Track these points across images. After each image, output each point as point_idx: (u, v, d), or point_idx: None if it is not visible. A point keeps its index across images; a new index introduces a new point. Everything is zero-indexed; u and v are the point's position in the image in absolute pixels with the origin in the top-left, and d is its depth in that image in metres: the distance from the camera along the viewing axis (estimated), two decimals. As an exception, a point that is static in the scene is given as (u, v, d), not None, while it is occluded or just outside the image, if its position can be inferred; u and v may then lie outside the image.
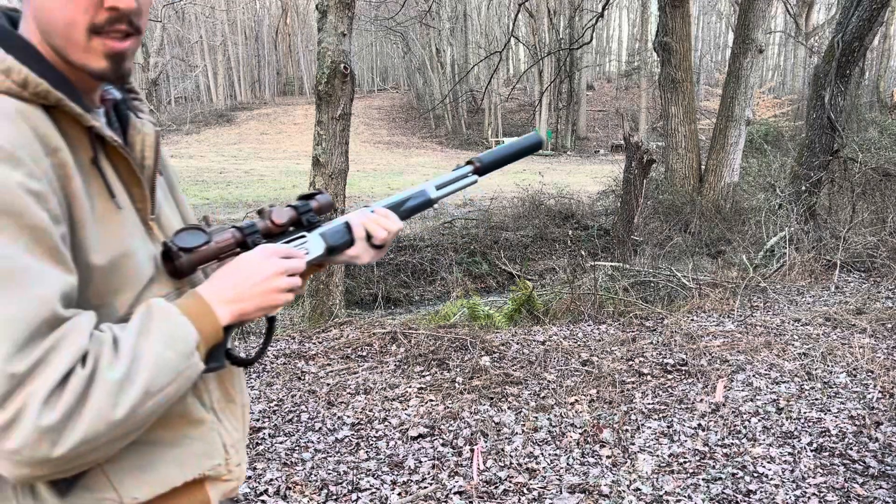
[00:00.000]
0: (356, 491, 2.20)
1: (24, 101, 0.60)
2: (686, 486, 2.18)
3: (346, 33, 4.27)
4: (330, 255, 0.84)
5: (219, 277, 0.71)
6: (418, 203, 0.93)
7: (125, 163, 0.68)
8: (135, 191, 0.70)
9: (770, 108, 20.56)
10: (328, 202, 0.84)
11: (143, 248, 0.69)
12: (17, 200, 0.55)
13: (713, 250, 6.56)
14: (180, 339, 0.64)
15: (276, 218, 0.78)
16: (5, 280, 0.54)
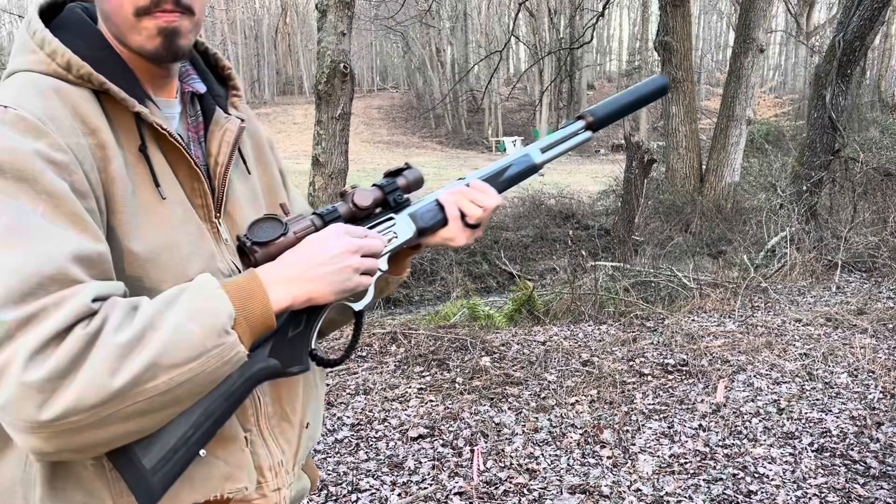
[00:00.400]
0: (356, 492, 2.19)
1: (73, 83, 0.62)
2: (687, 487, 2.18)
3: (345, 33, 4.27)
4: (421, 237, 0.76)
5: (283, 258, 0.65)
6: (521, 170, 0.81)
7: (179, 154, 0.66)
8: (194, 185, 0.67)
9: (771, 108, 20.55)
10: (417, 178, 0.77)
11: (195, 244, 0.65)
12: (29, 166, 0.54)
13: (714, 250, 6.55)
14: (208, 311, 0.56)
15: (360, 200, 0.72)
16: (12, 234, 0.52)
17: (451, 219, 0.77)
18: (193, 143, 0.72)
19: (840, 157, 6.15)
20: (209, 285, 0.58)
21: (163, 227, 0.63)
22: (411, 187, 0.76)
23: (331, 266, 0.64)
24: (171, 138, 0.65)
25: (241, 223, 0.71)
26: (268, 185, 0.80)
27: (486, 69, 24.47)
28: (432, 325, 4.15)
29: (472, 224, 0.78)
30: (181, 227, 0.65)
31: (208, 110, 0.73)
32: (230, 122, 0.72)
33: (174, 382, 0.53)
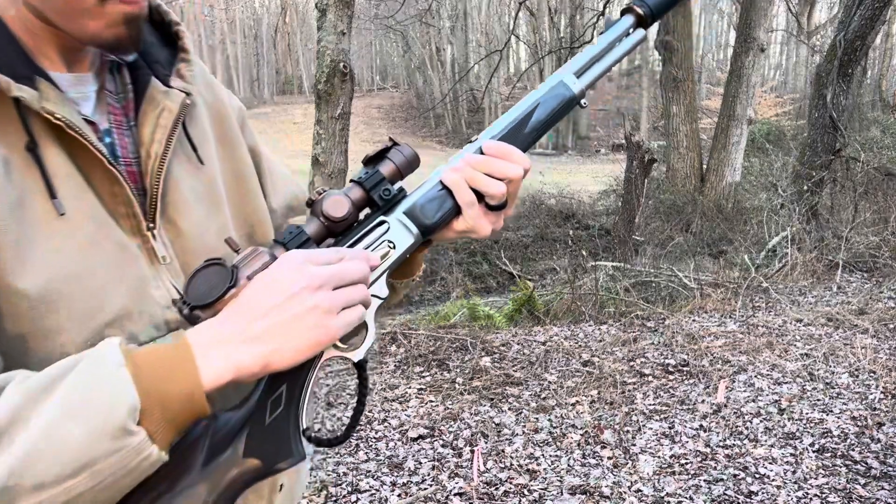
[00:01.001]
0: (356, 492, 2.19)
1: None
2: (687, 488, 2.17)
3: (345, 32, 4.26)
4: (428, 236, 0.56)
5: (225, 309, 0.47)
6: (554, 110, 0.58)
7: (85, 150, 0.48)
8: (114, 189, 0.50)
9: (772, 107, 20.54)
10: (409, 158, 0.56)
11: (115, 270, 0.49)
12: None
13: (715, 250, 6.54)
14: (98, 403, 0.40)
15: (332, 210, 0.52)
16: None
17: (465, 205, 0.56)
18: (119, 130, 0.54)
19: (841, 156, 6.14)
20: (107, 361, 0.42)
21: (63, 252, 0.46)
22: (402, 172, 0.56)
23: (287, 312, 0.45)
24: (69, 130, 0.47)
25: (189, 231, 0.55)
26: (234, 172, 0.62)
27: (487, 68, 24.47)
28: (432, 326, 4.14)
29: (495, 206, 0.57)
30: (92, 249, 0.48)
31: (142, 83, 0.55)
32: (170, 98, 0.54)
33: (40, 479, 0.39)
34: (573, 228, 8.67)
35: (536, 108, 0.59)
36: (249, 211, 0.63)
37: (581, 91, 0.60)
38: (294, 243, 0.51)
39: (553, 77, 0.60)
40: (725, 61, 29.11)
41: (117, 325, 0.48)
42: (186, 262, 0.55)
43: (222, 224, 0.59)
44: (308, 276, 0.47)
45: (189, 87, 0.56)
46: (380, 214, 0.56)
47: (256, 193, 0.64)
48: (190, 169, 0.57)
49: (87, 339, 0.47)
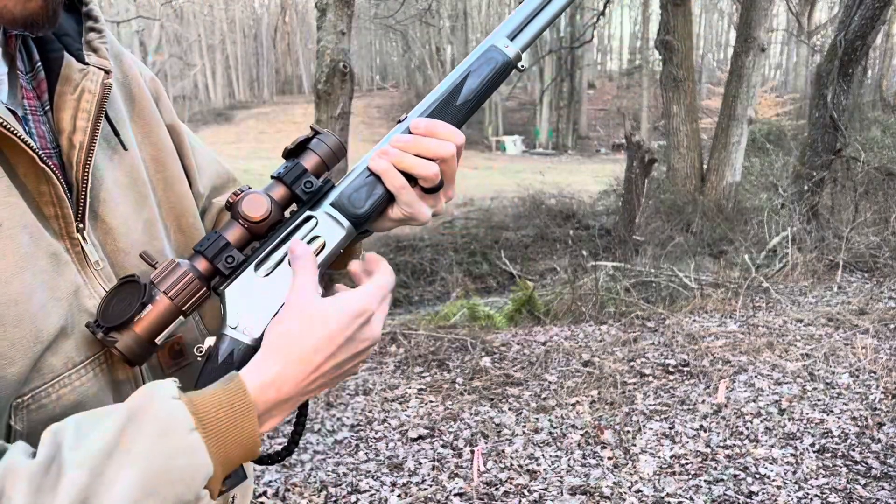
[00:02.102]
0: (356, 492, 2.18)
1: None
2: (688, 488, 2.17)
3: (345, 32, 4.26)
4: (361, 227, 0.52)
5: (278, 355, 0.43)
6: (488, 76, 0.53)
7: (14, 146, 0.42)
8: (41, 188, 0.44)
9: (772, 107, 20.53)
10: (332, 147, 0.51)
11: (50, 284, 0.43)
12: None
13: (715, 250, 6.54)
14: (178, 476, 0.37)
15: (250, 210, 0.48)
16: None
17: (396, 191, 0.51)
18: (35, 115, 0.47)
19: (841, 156, 6.14)
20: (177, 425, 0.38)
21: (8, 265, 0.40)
22: (327, 163, 0.51)
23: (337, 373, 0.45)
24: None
25: (117, 229, 0.49)
26: (154, 156, 0.55)
27: (487, 68, 24.36)
28: (432, 326, 4.14)
29: (430, 188, 0.52)
30: (28, 266, 0.42)
31: (52, 59, 0.48)
32: (88, 78, 0.47)
33: None
34: (573, 228, 8.67)
35: (467, 77, 0.53)
36: (174, 199, 0.56)
37: (516, 54, 0.54)
38: (212, 250, 0.48)
39: (484, 43, 0.54)
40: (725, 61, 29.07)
41: (55, 347, 0.43)
42: (117, 263, 0.50)
43: (149, 217, 0.52)
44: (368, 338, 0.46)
45: (105, 62, 0.49)
46: (305, 209, 0.51)
47: (180, 178, 0.57)
48: (112, 157, 0.51)
49: (27, 368, 0.41)
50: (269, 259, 0.49)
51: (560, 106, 25.88)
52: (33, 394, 0.42)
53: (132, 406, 0.39)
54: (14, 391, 0.40)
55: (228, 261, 0.48)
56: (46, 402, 0.42)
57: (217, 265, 0.48)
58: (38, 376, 0.42)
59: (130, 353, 0.45)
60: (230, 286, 0.48)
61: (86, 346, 0.45)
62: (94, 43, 0.49)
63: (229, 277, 0.49)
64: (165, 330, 0.46)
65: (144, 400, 0.40)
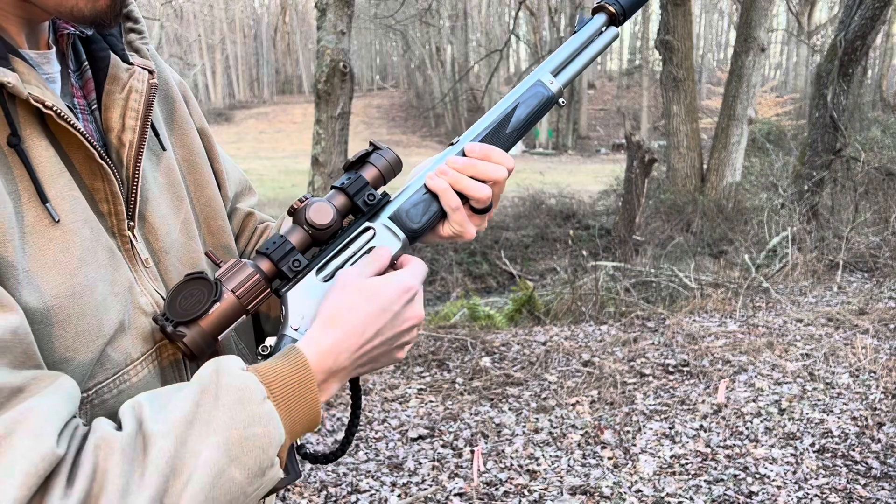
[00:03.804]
0: (355, 492, 2.18)
1: None
2: (688, 488, 2.17)
3: (345, 31, 4.26)
4: (414, 241, 0.56)
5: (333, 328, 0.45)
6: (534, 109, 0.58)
7: (75, 142, 0.43)
8: (96, 185, 0.45)
9: (772, 107, 20.53)
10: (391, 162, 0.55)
11: (108, 279, 0.44)
12: None
13: (715, 250, 6.54)
14: (257, 445, 0.39)
15: (317, 218, 0.50)
16: None
17: (451, 210, 0.55)
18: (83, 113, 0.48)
19: (841, 156, 6.14)
20: (253, 394, 0.40)
21: (63, 264, 0.41)
22: (385, 176, 0.55)
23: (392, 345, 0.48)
24: (60, 120, 0.41)
25: (160, 228, 0.50)
26: (187, 159, 0.56)
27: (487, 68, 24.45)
28: (432, 326, 4.14)
29: (480, 209, 0.56)
30: (90, 259, 0.43)
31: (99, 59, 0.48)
32: (135, 77, 0.48)
33: None
34: (573, 228, 8.67)
35: (517, 107, 0.58)
36: (205, 201, 0.57)
37: (559, 90, 0.60)
38: (278, 253, 0.50)
39: (531, 76, 0.59)
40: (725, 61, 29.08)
41: (115, 342, 0.44)
42: (160, 261, 0.51)
43: (186, 218, 0.54)
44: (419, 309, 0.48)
45: (149, 63, 0.50)
46: (364, 220, 0.54)
47: (210, 181, 0.58)
48: (151, 157, 0.52)
49: (92, 361, 0.42)
50: (329, 265, 0.52)
51: (560, 106, 25.83)
52: (97, 388, 0.43)
53: (202, 379, 0.41)
54: (80, 383, 0.41)
55: (294, 265, 0.50)
56: (108, 398, 0.44)
57: (282, 268, 0.50)
58: (102, 371, 0.43)
59: (196, 348, 0.46)
60: (293, 289, 0.51)
61: (141, 341, 0.46)
62: (135, 44, 0.50)
63: (292, 281, 0.51)
64: (229, 327, 0.48)
65: (214, 373, 0.41)
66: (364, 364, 0.47)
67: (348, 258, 0.53)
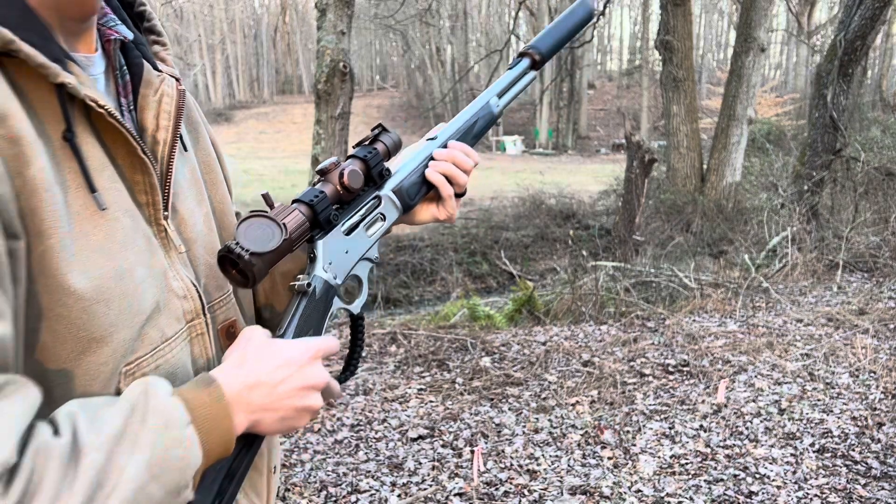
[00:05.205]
0: (355, 492, 2.18)
1: None
2: (688, 488, 2.17)
3: (345, 32, 4.26)
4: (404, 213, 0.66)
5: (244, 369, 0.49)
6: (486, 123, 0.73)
7: (120, 138, 0.48)
8: (137, 178, 0.50)
9: (772, 107, 20.54)
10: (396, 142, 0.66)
11: (146, 264, 0.48)
12: None
13: (715, 250, 6.54)
14: (176, 467, 0.42)
15: (352, 182, 0.59)
16: None
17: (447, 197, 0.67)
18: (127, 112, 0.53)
19: (841, 156, 6.14)
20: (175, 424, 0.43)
21: (108, 249, 0.45)
22: (391, 154, 0.66)
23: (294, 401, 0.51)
24: (110, 118, 0.46)
25: (188, 220, 0.55)
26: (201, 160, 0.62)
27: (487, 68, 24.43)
28: (432, 326, 4.14)
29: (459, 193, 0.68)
30: (130, 245, 0.47)
31: (134, 65, 0.53)
32: (166, 83, 0.53)
33: None
34: (573, 228, 8.67)
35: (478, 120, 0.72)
36: (219, 199, 0.63)
37: (500, 111, 0.75)
38: (321, 206, 0.58)
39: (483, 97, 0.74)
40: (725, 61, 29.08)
41: (152, 321, 0.49)
42: (189, 250, 0.56)
43: (206, 212, 0.60)
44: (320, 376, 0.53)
45: (174, 71, 0.56)
46: (375, 191, 0.64)
47: (222, 181, 0.64)
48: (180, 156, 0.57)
49: (133, 338, 0.47)
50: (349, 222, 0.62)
51: (560, 106, 25.87)
52: (138, 362, 0.48)
53: (132, 398, 0.44)
54: (122, 357, 0.46)
55: (333, 218, 0.59)
56: (147, 371, 0.48)
57: (321, 218, 0.58)
58: (142, 346, 0.48)
59: (260, 275, 0.53)
60: (324, 238, 0.60)
61: (174, 321, 0.51)
62: (160, 54, 0.57)
63: (326, 229, 0.60)
64: (279, 262, 0.55)
65: (143, 393, 0.44)
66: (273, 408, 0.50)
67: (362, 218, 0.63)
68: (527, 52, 0.74)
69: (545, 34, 0.75)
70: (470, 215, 9.77)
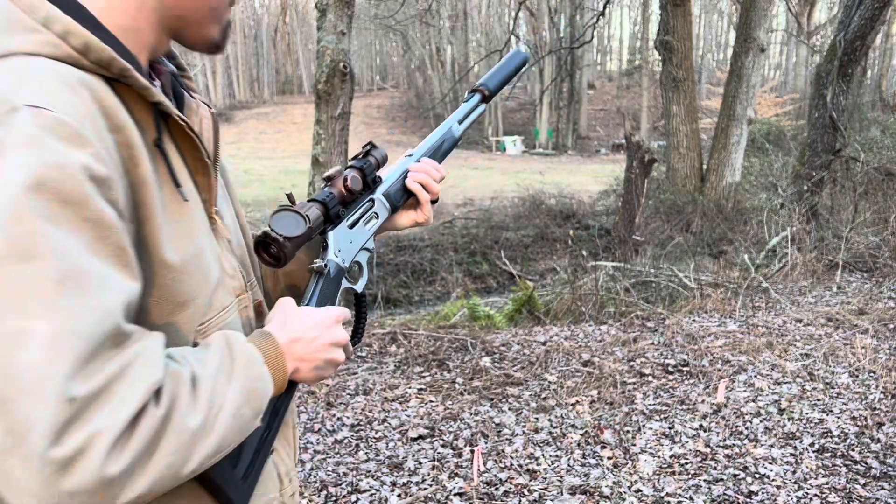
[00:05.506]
0: (356, 492, 2.18)
1: (84, 70, 0.52)
2: (687, 488, 2.17)
3: (345, 32, 4.26)
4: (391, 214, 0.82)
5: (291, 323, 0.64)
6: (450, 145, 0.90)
7: (192, 146, 0.60)
8: (200, 179, 0.62)
9: (772, 107, 20.54)
10: (384, 157, 0.81)
11: (210, 245, 0.61)
12: (79, 188, 0.45)
13: (715, 250, 6.54)
14: (259, 395, 0.56)
15: (354, 185, 0.76)
16: (65, 283, 0.44)
17: (425, 202, 0.83)
18: None
19: (841, 156, 6.14)
20: (255, 359, 0.58)
21: (189, 232, 0.58)
22: (380, 166, 0.82)
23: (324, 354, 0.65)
24: (189, 131, 0.58)
25: (225, 218, 0.68)
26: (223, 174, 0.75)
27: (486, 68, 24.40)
28: (432, 326, 4.14)
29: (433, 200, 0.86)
30: (202, 230, 0.60)
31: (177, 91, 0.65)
32: (202, 109, 0.66)
33: (223, 455, 0.55)
34: (573, 228, 8.68)
35: (444, 141, 0.89)
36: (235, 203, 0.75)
37: (460, 135, 0.90)
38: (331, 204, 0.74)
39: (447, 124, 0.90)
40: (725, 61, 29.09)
41: (216, 292, 0.61)
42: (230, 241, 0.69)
43: (232, 213, 0.73)
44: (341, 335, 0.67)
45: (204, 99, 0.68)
46: (369, 194, 0.80)
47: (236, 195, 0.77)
48: None
49: (205, 304, 0.60)
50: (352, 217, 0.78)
51: (560, 106, 25.87)
52: (207, 323, 0.60)
53: (219, 344, 0.57)
54: (197, 319, 0.59)
55: (341, 213, 0.76)
56: (212, 330, 0.61)
57: (331, 213, 0.74)
58: (210, 311, 0.60)
59: (289, 256, 0.67)
60: (334, 230, 0.76)
61: (228, 295, 0.64)
62: (189, 84, 0.69)
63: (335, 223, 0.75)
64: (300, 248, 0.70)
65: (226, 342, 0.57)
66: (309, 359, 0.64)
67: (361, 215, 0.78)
68: (478, 88, 0.92)
69: (492, 75, 0.93)
70: (470, 215, 9.78)
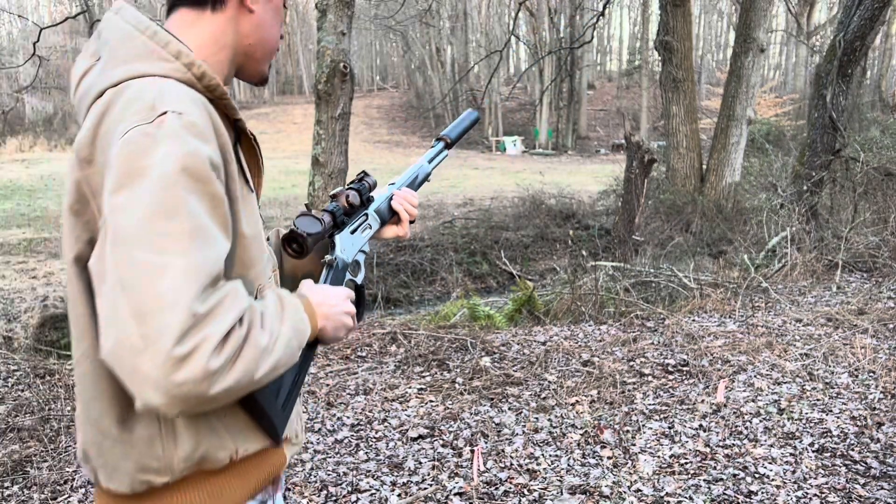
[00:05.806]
0: (356, 492, 2.19)
1: (197, 90, 0.73)
2: (687, 487, 2.17)
3: (345, 32, 4.27)
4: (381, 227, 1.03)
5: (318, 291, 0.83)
6: (423, 179, 1.12)
7: (252, 153, 0.82)
8: (256, 180, 0.83)
9: (772, 108, 20.54)
10: (374, 183, 1.03)
11: (261, 230, 0.82)
12: (205, 170, 0.66)
13: (714, 250, 6.55)
14: (302, 332, 0.75)
15: (354, 201, 0.97)
16: (196, 233, 0.64)
17: (405, 221, 1.05)
18: None
19: (841, 156, 6.15)
20: (299, 307, 0.77)
21: (254, 215, 0.79)
22: (371, 189, 1.03)
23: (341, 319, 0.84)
24: (254, 142, 0.81)
25: None
26: None
27: (487, 69, 24.48)
28: (432, 326, 4.14)
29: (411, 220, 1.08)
30: (258, 215, 0.82)
31: None
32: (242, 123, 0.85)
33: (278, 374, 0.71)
34: (573, 228, 8.68)
35: (418, 175, 1.11)
36: None
37: (430, 171, 1.13)
38: (338, 213, 0.95)
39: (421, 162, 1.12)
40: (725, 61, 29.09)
41: (267, 265, 0.82)
42: None
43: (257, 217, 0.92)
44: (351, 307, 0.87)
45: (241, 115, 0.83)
46: (364, 209, 1.01)
47: None
48: None
49: (261, 269, 0.79)
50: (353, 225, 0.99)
51: (560, 106, 25.87)
52: (261, 286, 0.80)
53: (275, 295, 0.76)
54: (257, 279, 0.78)
55: (345, 222, 0.97)
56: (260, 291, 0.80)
57: (338, 220, 0.95)
58: (263, 276, 0.80)
59: (310, 249, 0.88)
60: (339, 234, 0.96)
61: (269, 270, 0.84)
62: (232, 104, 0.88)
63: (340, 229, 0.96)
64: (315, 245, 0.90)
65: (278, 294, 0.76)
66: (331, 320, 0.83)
67: (359, 225, 0.99)
68: (442, 137, 1.16)
69: (453, 127, 1.18)
70: (470, 215, 9.77)
